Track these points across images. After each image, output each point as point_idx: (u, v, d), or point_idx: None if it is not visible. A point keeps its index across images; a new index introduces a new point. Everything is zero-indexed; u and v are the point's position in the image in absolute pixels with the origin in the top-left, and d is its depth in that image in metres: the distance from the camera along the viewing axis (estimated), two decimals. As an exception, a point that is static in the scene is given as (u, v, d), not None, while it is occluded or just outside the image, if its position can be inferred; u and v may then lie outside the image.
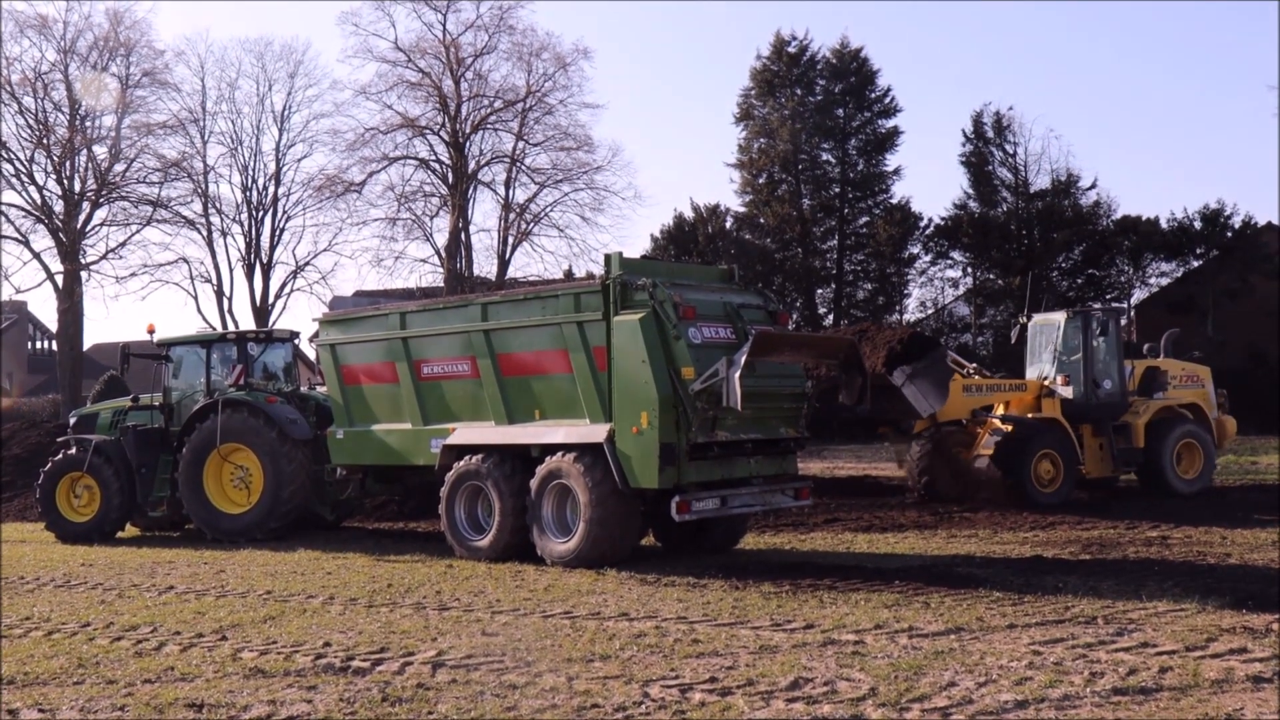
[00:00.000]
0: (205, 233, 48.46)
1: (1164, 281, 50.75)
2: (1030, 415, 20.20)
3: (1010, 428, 19.82)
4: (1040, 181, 49.62)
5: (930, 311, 52.13)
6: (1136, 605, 10.40)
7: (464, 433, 15.16)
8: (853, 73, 50.90)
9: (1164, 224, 49.96)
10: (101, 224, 46.78)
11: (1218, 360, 39.89)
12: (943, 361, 19.14)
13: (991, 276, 50.00)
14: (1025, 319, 22.58)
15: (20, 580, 14.34)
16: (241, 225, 49.15)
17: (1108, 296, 51.14)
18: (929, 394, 18.44)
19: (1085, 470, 20.58)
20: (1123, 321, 21.03)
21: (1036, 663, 8.25)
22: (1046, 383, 20.65)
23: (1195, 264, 49.12)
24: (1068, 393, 20.53)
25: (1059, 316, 21.48)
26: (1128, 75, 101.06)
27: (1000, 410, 20.56)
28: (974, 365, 22.64)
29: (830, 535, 17.16)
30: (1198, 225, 48.82)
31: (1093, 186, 49.94)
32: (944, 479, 20.56)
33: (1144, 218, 50.08)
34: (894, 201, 51.17)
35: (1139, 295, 51.60)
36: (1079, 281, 49.93)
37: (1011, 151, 49.90)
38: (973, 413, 20.40)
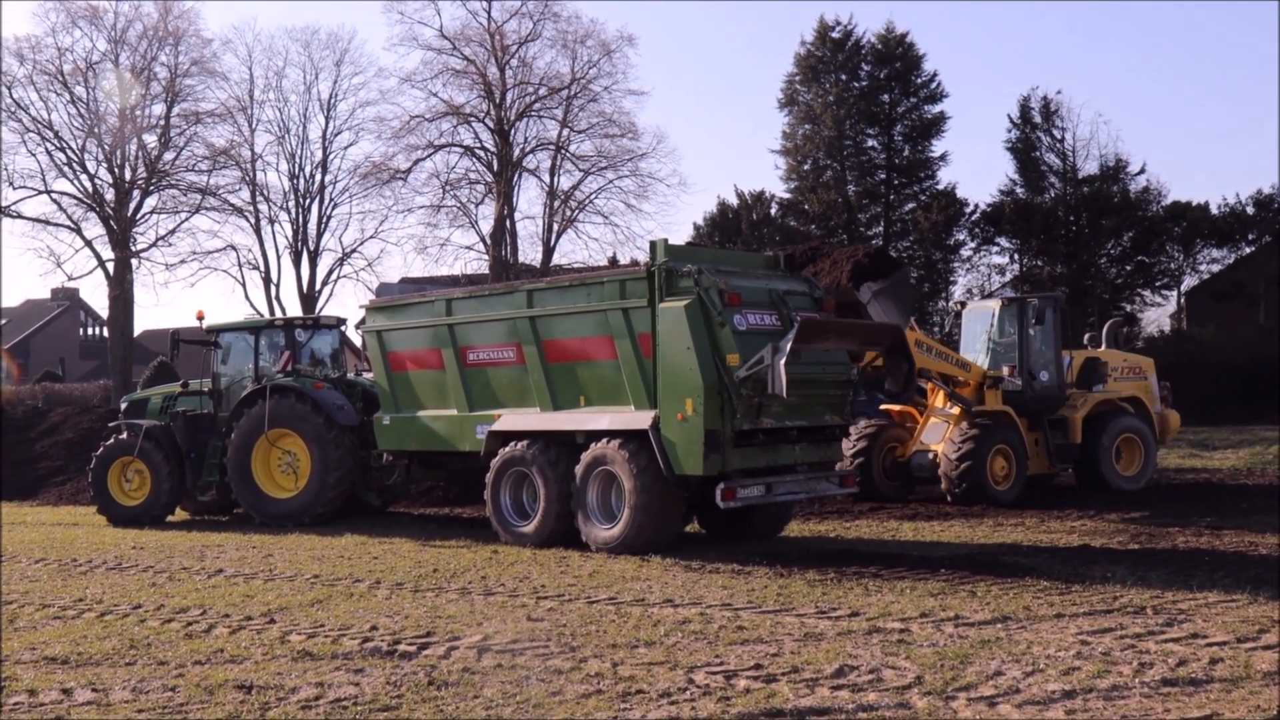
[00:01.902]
0: (253, 220, 48.75)
1: (1215, 268, 50.12)
2: (975, 408, 18.90)
3: (964, 421, 18.71)
4: (1088, 167, 49.04)
5: (976, 298, 51.70)
6: (1186, 595, 10.29)
7: (509, 419, 15.21)
8: (898, 58, 50.49)
9: (1215, 209, 49.33)
10: (151, 212, 47.14)
11: (1267, 349, 39.58)
12: (908, 282, 18.36)
13: (1039, 263, 49.52)
14: (961, 306, 21.72)
15: (73, 562, 14.53)
16: (289, 212, 49.41)
17: (1157, 284, 50.63)
18: (893, 315, 17.59)
19: None
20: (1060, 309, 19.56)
21: (1084, 653, 8.19)
22: (993, 373, 19.31)
23: (1247, 250, 48.46)
24: (1016, 383, 19.41)
25: (993, 304, 20.58)
26: (1178, 57, 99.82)
27: (940, 402, 19.40)
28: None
29: (875, 523, 17.10)
30: (1250, 211, 48.16)
31: (1141, 171, 49.33)
32: (879, 474, 19.63)
33: (1194, 203, 49.44)
34: (940, 188, 50.79)
35: (1189, 282, 51.02)
36: (1128, 269, 49.40)
37: (1059, 137, 49.36)
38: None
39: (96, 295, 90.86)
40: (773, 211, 51.02)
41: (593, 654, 8.48)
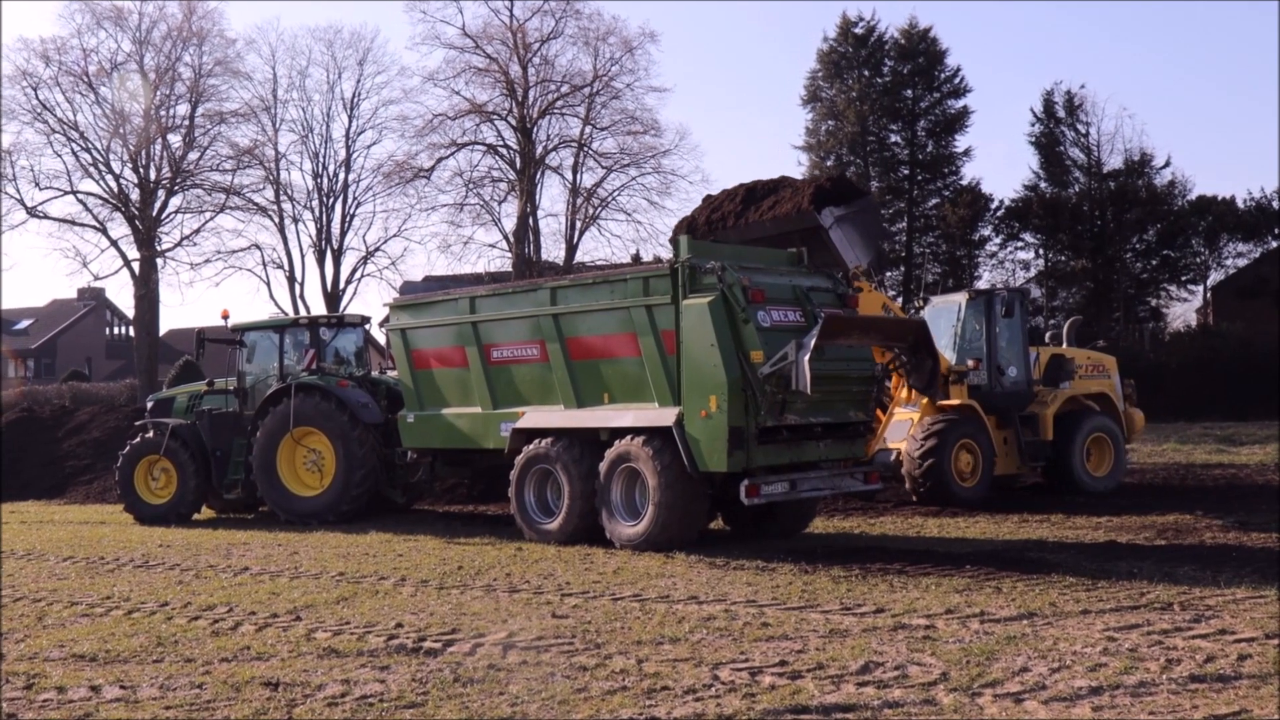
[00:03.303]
0: (277, 219, 48.99)
1: (1241, 263, 49.84)
2: (940, 404, 18.27)
3: (928, 416, 18.19)
4: (1113, 161, 48.84)
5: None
6: (1214, 591, 10.23)
7: (533, 416, 15.23)
8: (921, 53, 50.36)
9: (1240, 204, 49.03)
10: (176, 211, 47.49)
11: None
12: (873, 211, 17.55)
13: (1064, 258, 49.31)
14: (923, 301, 21.05)
15: (100, 560, 14.62)
16: (312, 211, 49.63)
17: (1183, 279, 50.34)
18: (856, 244, 17.15)
19: None
20: (1033, 301, 18.83)
21: (1111, 649, 8.15)
22: (957, 367, 18.64)
23: (1274, 245, 48.14)
24: (981, 377, 18.78)
25: (959, 298, 19.77)
26: (1204, 50, 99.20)
27: (904, 395, 18.51)
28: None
29: (900, 519, 17.05)
30: (1276, 205, 47.84)
31: (1166, 165, 49.12)
32: None
33: (1220, 197, 49.21)
34: (964, 183, 50.62)
35: (1215, 277, 50.74)
36: (1153, 263, 49.14)
37: (1084, 131, 49.15)
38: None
39: (122, 295, 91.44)
40: (796, 207, 50.86)
41: (617, 651, 8.48)
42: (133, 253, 46.18)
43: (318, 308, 48.17)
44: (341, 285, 49.33)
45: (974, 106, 52.61)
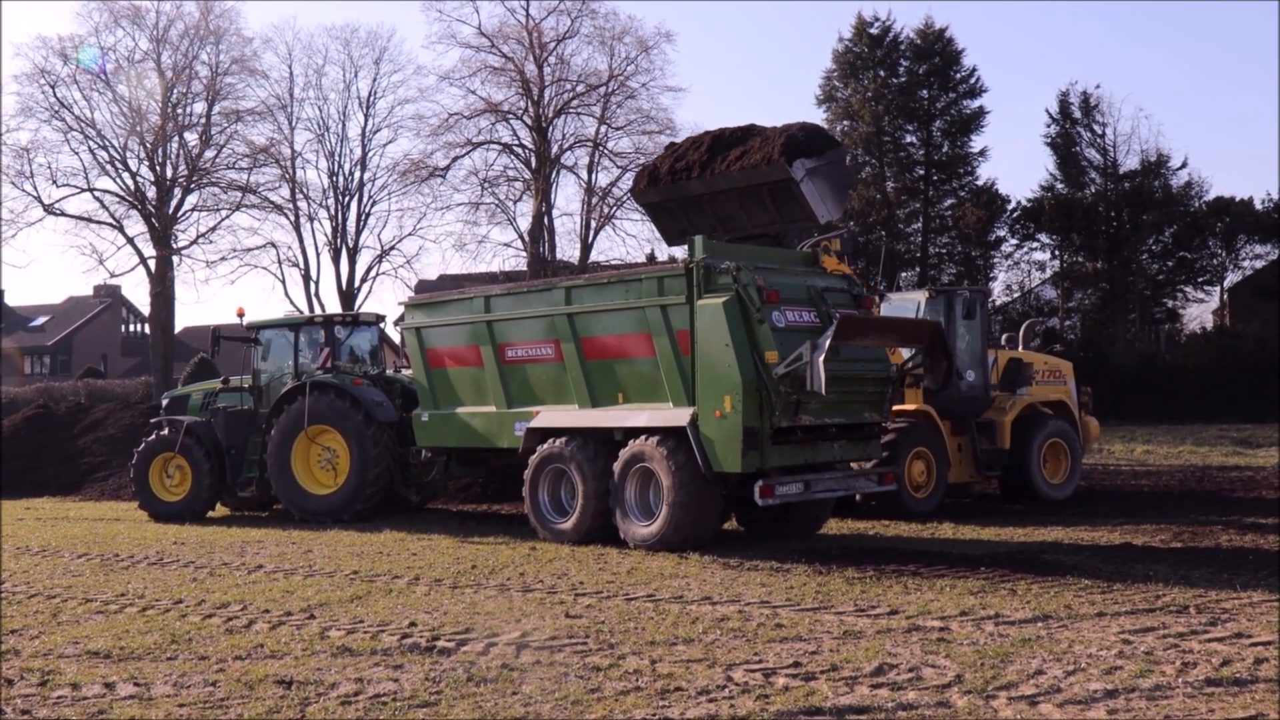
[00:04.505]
0: (293, 218, 49.13)
1: (1259, 264, 49.61)
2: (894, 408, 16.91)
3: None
4: (1129, 162, 48.61)
5: (1017, 295, 51.42)
6: (1230, 595, 10.18)
7: (548, 416, 15.23)
8: (937, 53, 50.17)
9: (1258, 205, 48.81)
10: (192, 209, 47.69)
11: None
12: (845, 162, 16.71)
13: (1079, 259, 49.15)
14: (881, 296, 19.69)
15: (115, 558, 14.66)
16: (328, 210, 49.77)
17: (1199, 280, 50.14)
18: (827, 198, 16.17)
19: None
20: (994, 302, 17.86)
21: (1126, 652, 8.11)
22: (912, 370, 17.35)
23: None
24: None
25: (918, 296, 18.96)
26: (1221, 50, 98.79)
27: None
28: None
29: (914, 521, 16.98)
30: (1293, 206, 47.65)
31: (1183, 166, 48.85)
32: None
33: (1237, 198, 49.01)
34: (979, 183, 50.47)
35: (1232, 278, 50.52)
36: (1170, 265, 48.95)
37: (1099, 132, 48.95)
38: None
39: (138, 292, 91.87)
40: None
41: (631, 651, 8.47)
42: (149, 250, 46.37)
43: (333, 306, 48.35)
44: (356, 284, 49.47)
45: (990, 107, 52.41)
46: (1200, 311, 52.35)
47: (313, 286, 49.14)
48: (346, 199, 49.76)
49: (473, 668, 8.08)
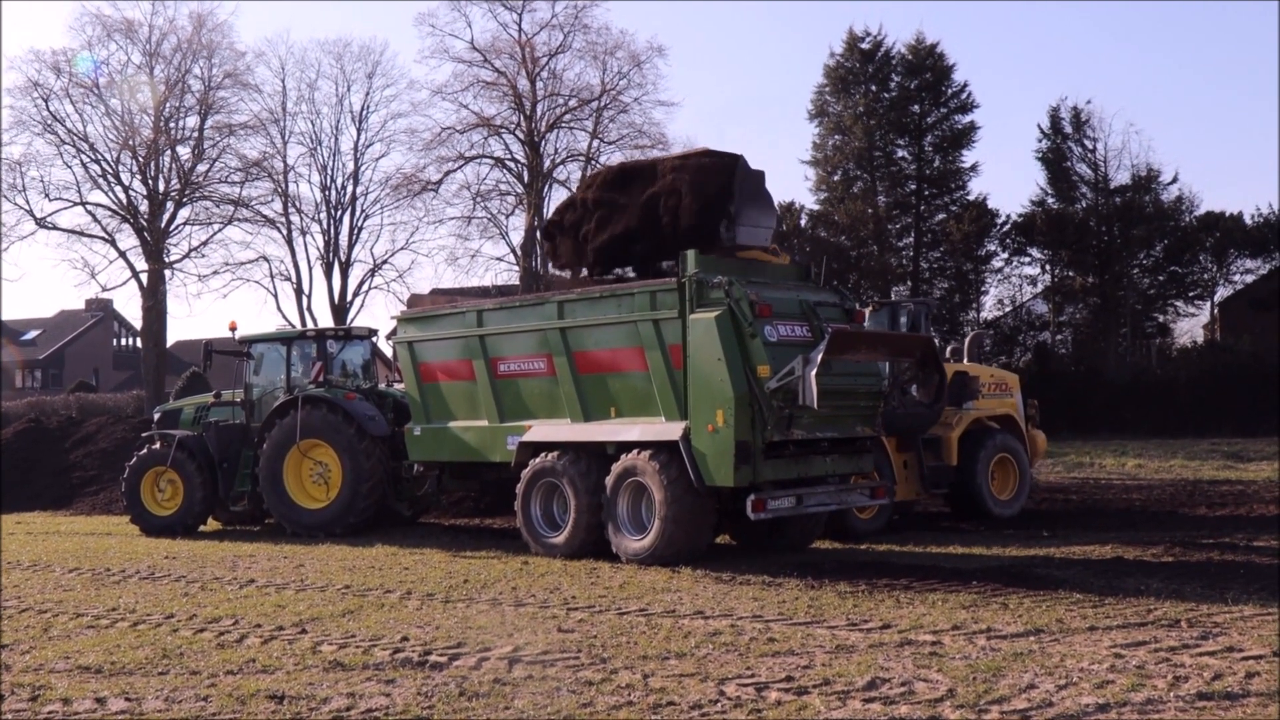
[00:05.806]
0: (285, 231, 49.10)
1: (1249, 278, 49.73)
2: None
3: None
4: (1120, 177, 48.66)
5: (1008, 309, 51.49)
6: (1221, 609, 10.21)
7: (540, 430, 15.23)
8: (928, 68, 50.26)
9: (1248, 219, 48.95)
10: (185, 223, 47.62)
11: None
12: (744, 173, 14.64)
13: (1070, 274, 49.23)
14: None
15: (106, 572, 14.62)
16: (320, 224, 49.73)
17: (1190, 295, 50.23)
18: (760, 222, 14.84)
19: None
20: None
21: (1118, 666, 8.13)
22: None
23: (1282, 261, 48.08)
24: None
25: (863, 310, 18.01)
26: (1211, 66, 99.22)
27: None
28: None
29: (906, 535, 16.99)
30: (1282, 221, 47.78)
31: (1174, 181, 48.91)
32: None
33: (1227, 213, 49.10)
34: (970, 198, 50.54)
35: (1223, 293, 50.63)
36: (1160, 279, 49.05)
37: (1090, 147, 49.03)
38: None
39: (130, 306, 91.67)
40: (802, 223, 50.92)
41: (623, 665, 8.47)
42: (141, 264, 46.31)
43: (325, 320, 48.28)
44: (349, 298, 49.42)
45: (981, 122, 52.55)
46: (1191, 326, 52.49)
47: (305, 300, 49.13)
48: (339, 213, 49.76)
49: (465, 682, 8.08)
